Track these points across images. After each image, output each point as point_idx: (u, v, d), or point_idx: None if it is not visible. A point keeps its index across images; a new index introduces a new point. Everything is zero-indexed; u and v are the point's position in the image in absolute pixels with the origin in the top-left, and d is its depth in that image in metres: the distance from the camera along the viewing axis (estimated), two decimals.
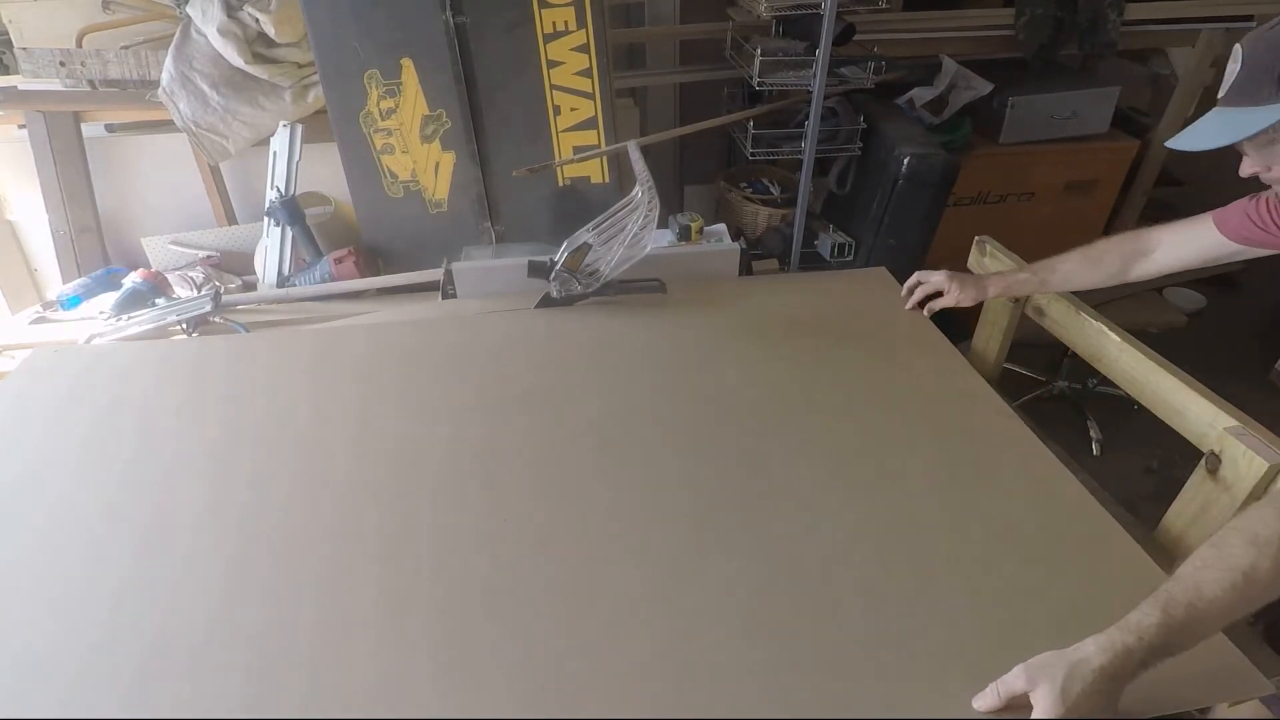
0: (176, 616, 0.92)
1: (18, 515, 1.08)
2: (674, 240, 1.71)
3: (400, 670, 0.84)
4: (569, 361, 1.36)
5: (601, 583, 0.94)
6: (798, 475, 1.09)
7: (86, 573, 0.98)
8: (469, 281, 1.58)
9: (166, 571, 0.98)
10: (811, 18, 1.95)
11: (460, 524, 1.03)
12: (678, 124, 2.47)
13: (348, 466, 1.15)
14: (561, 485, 1.09)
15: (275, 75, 1.87)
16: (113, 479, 1.14)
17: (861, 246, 2.21)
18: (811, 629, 0.86)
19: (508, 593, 0.93)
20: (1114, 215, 2.82)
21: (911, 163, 2.01)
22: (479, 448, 1.17)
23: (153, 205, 2.13)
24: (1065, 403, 2.62)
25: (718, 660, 0.83)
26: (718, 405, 1.23)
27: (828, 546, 0.97)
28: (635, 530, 1.01)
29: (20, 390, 1.35)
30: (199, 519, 1.06)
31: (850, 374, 1.31)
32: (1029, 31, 2.41)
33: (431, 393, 1.30)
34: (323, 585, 0.95)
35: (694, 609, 0.89)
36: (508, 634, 0.88)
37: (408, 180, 1.87)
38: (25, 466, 1.17)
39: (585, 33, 1.74)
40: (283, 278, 1.86)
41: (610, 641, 0.86)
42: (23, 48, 1.91)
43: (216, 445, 1.20)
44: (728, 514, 1.02)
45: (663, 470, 1.11)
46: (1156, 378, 1.19)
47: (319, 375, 1.36)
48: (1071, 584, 0.91)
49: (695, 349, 1.39)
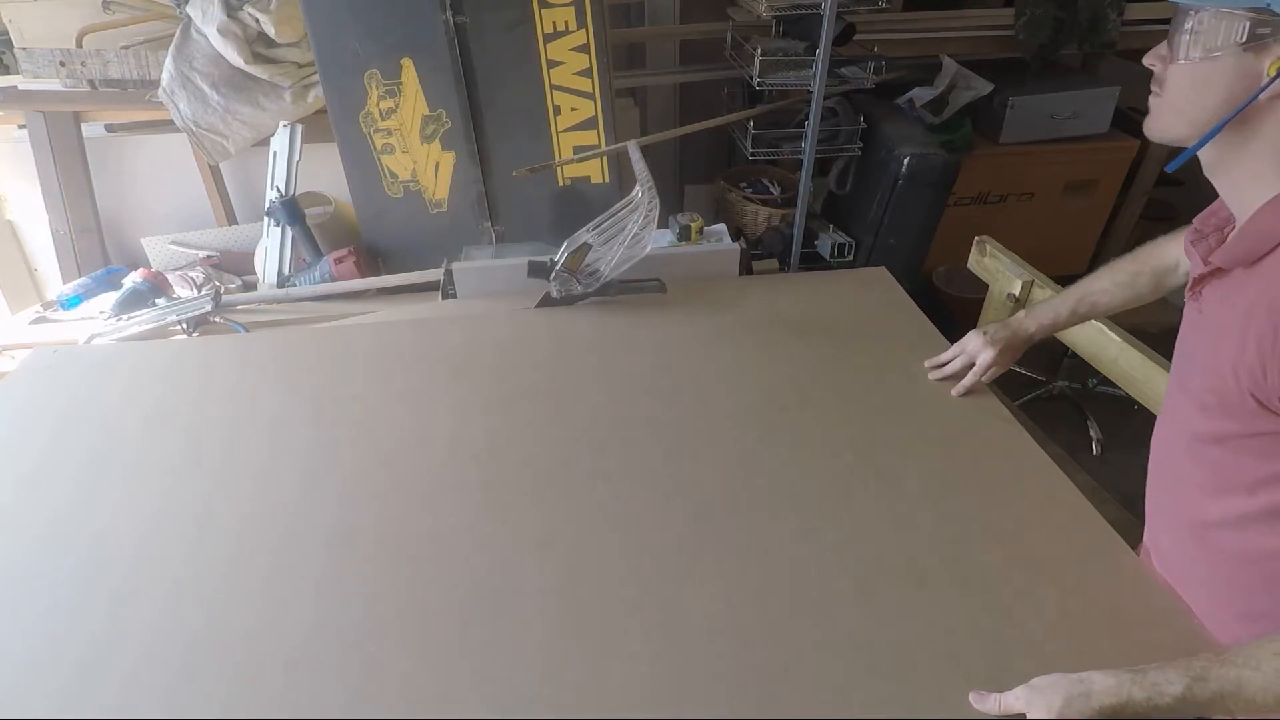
0: (176, 616, 0.92)
1: (17, 516, 1.08)
2: (674, 240, 1.71)
3: (398, 670, 0.84)
4: (569, 361, 1.36)
5: (598, 582, 0.94)
6: (792, 479, 1.08)
7: (86, 574, 0.98)
8: (469, 281, 1.58)
9: (167, 571, 0.98)
10: (811, 18, 1.95)
11: (459, 523, 1.03)
12: (678, 124, 2.47)
13: (347, 466, 1.15)
14: (561, 485, 1.09)
15: (275, 75, 1.87)
16: (111, 479, 1.14)
17: (861, 246, 2.22)
18: (803, 632, 0.86)
19: (506, 592, 0.93)
20: (1114, 215, 2.82)
21: (911, 163, 2.01)
22: (478, 447, 1.17)
23: (153, 205, 2.13)
24: (1065, 403, 2.62)
25: (703, 662, 0.83)
26: (714, 406, 1.23)
27: (822, 550, 0.97)
28: (631, 531, 1.01)
29: (19, 391, 1.35)
30: (198, 519, 1.06)
31: (847, 376, 1.30)
32: (1029, 31, 2.41)
33: (431, 393, 1.30)
34: (323, 585, 0.95)
35: (683, 610, 0.89)
36: (506, 633, 0.88)
37: (408, 180, 1.87)
38: (25, 468, 1.17)
39: (585, 32, 1.74)
40: (283, 278, 1.86)
41: (602, 640, 0.86)
42: (23, 48, 1.91)
43: (216, 445, 1.20)
44: (720, 518, 1.02)
45: (658, 471, 1.11)
46: (1156, 378, 1.19)
47: (319, 375, 1.36)
48: (1067, 591, 0.90)
49: (696, 349, 1.38)
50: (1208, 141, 0.76)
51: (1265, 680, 0.67)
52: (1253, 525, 0.80)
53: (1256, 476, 0.78)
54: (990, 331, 1.24)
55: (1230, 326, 0.76)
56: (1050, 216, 2.69)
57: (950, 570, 0.93)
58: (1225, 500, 0.83)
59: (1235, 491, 0.81)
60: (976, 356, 1.23)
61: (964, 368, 1.25)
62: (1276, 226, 0.73)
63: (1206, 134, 0.75)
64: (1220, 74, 0.73)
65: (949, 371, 1.26)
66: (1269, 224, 0.74)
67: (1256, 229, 0.75)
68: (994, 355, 1.21)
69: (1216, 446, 0.82)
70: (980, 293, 1.77)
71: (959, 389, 1.24)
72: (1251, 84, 0.71)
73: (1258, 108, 0.72)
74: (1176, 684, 0.68)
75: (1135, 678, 0.69)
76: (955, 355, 1.27)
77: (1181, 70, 0.76)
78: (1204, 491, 0.86)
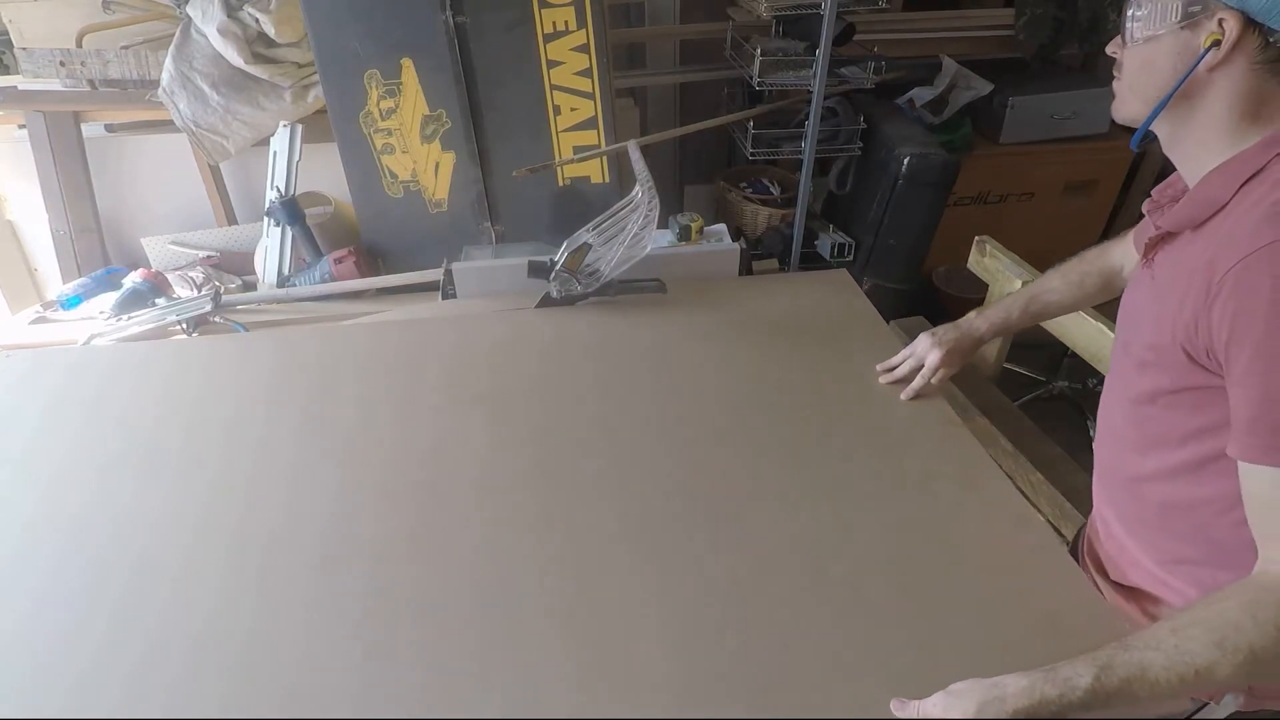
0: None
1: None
2: (674, 240, 1.71)
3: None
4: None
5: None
6: (740, 484, 1.07)
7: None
8: (469, 281, 1.58)
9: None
10: (811, 18, 1.95)
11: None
12: (678, 124, 2.47)
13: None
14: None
15: (275, 75, 1.87)
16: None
17: (861, 246, 2.22)
18: (733, 638, 0.86)
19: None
20: (1114, 215, 2.82)
21: (911, 163, 2.01)
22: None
23: (153, 205, 2.13)
24: (1065, 402, 2.62)
25: (642, 667, 0.83)
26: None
27: (755, 558, 0.96)
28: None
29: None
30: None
31: (803, 380, 1.28)
32: (1029, 31, 2.41)
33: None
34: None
35: (614, 618, 0.89)
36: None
37: (408, 180, 1.87)
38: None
39: (585, 32, 1.74)
40: (283, 278, 1.86)
41: (536, 640, 0.87)
42: (23, 48, 1.91)
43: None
44: (659, 528, 1.01)
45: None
46: None
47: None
48: (1003, 596, 0.89)
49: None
50: (1157, 116, 0.81)
51: (1166, 659, 0.68)
52: (1182, 476, 0.86)
53: (1185, 430, 0.84)
54: (939, 333, 1.24)
55: (1175, 286, 0.80)
56: (1050, 216, 2.69)
57: (886, 576, 0.92)
58: (1157, 454, 0.88)
59: (1167, 445, 0.87)
60: (925, 358, 1.23)
61: (913, 370, 1.23)
62: (1220, 192, 0.77)
63: (1154, 109, 0.80)
64: (1163, 53, 0.78)
65: (899, 375, 1.25)
66: (1214, 190, 0.78)
67: (1202, 195, 0.80)
68: (941, 356, 1.20)
69: (1150, 405, 0.87)
70: (980, 293, 1.77)
71: (907, 392, 1.22)
72: (1190, 59, 0.76)
73: (1199, 81, 0.77)
74: (1085, 676, 0.69)
75: (1047, 676, 0.70)
76: (905, 358, 1.26)
77: (1132, 53, 0.82)
78: (1137, 449, 0.92)
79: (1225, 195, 0.77)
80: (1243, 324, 0.71)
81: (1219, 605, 0.71)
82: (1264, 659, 0.67)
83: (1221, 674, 0.67)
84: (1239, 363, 0.72)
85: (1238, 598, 0.70)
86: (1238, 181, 0.76)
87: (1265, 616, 0.68)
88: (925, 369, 1.22)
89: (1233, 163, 0.77)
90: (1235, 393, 0.74)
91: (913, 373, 1.23)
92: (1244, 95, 0.75)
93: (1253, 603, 0.69)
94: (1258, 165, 0.75)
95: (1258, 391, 0.71)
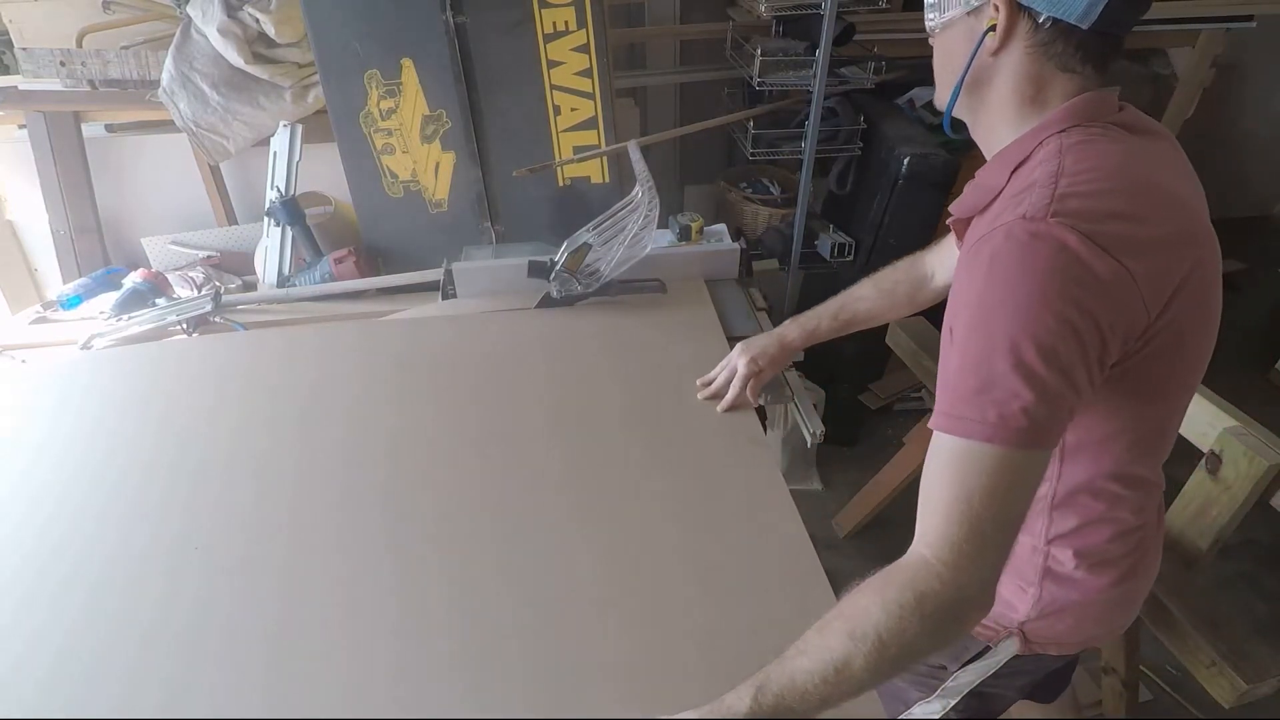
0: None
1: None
2: (674, 240, 1.71)
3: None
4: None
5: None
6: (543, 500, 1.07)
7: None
8: (469, 281, 1.58)
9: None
10: (811, 18, 1.95)
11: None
12: (678, 124, 2.47)
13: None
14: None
15: (275, 75, 1.87)
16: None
17: (861, 246, 2.22)
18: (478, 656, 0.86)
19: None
20: None
21: (912, 163, 2.01)
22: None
23: (153, 205, 2.13)
24: None
25: None
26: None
27: (519, 580, 0.95)
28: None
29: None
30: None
31: (614, 399, 1.26)
32: None
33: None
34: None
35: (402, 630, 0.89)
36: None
37: (408, 180, 1.87)
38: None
39: (585, 33, 1.74)
40: (283, 278, 1.85)
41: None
42: (23, 48, 1.91)
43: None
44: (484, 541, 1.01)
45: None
46: None
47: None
48: (759, 623, 0.88)
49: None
50: (953, 102, 0.82)
51: (811, 661, 0.67)
52: None
53: None
54: (751, 341, 1.23)
55: (959, 268, 0.80)
56: None
57: (639, 597, 0.92)
58: None
59: None
60: (736, 366, 1.21)
61: (726, 382, 1.22)
62: (997, 178, 0.78)
63: (950, 96, 0.82)
64: (955, 40, 0.79)
65: (714, 390, 1.23)
66: (993, 177, 0.79)
67: (984, 180, 0.81)
68: (746, 363, 1.19)
69: None
70: None
71: (722, 405, 1.20)
72: (975, 44, 0.77)
73: (986, 67, 0.77)
74: (744, 697, 0.68)
75: (714, 706, 0.70)
76: (721, 370, 1.24)
77: (935, 43, 0.84)
78: None
79: (1000, 181, 0.77)
80: (959, 300, 0.71)
81: (856, 594, 0.69)
82: (890, 643, 0.65)
83: (857, 666, 0.65)
84: (955, 336, 0.71)
85: (873, 583, 0.68)
86: (1010, 167, 0.76)
87: (890, 597, 0.66)
88: (737, 378, 1.20)
89: (1010, 148, 0.78)
90: None
91: (727, 384, 1.21)
92: (1025, 79, 0.76)
93: (882, 584, 0.67)
94: (1026, 151, 0.75)
95: (955, 362, 0.70)
